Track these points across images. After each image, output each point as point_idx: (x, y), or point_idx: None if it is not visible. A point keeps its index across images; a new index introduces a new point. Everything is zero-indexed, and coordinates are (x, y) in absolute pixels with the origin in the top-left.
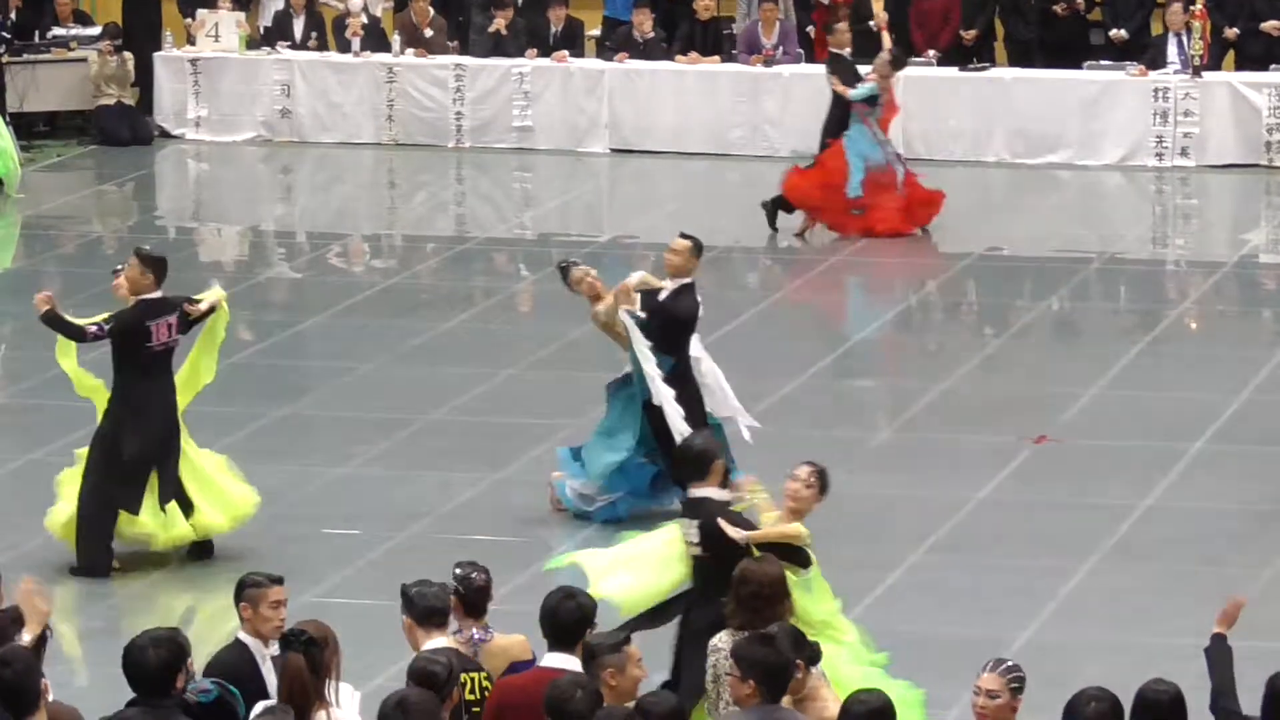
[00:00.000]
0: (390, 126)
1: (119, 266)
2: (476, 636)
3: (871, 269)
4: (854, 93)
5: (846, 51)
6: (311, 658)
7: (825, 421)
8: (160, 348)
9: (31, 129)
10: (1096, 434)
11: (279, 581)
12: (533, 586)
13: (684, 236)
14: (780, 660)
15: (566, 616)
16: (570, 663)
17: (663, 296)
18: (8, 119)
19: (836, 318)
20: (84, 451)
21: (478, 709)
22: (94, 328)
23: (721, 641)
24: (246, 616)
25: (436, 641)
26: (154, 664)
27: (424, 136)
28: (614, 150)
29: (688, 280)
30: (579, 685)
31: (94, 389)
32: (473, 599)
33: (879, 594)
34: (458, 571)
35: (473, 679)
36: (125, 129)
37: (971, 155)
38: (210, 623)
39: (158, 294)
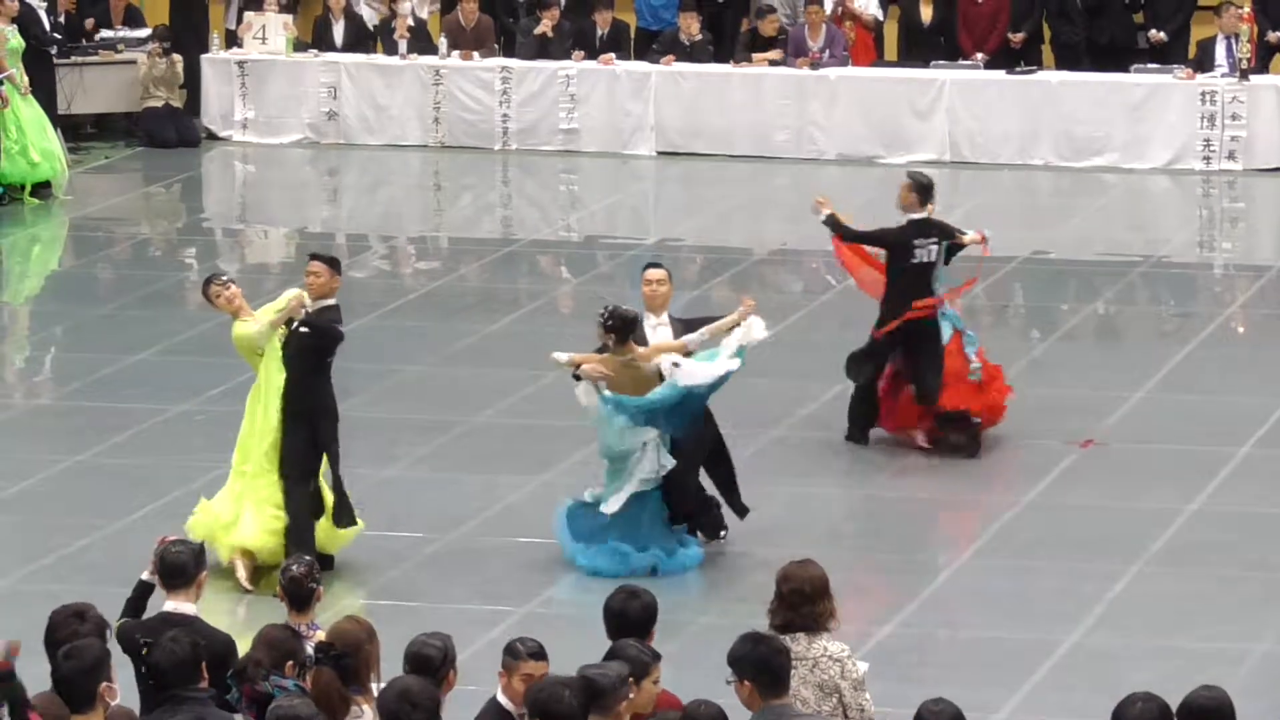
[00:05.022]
0: (436, 129)
1: (224, 276)
2: (304, 631)
3: None
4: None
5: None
6: (343, 669)
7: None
8: None
9: (79, 131)
10: (1143, 438)
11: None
12: (577, 587)
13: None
14: (770, 655)
15: (635, 616)
16: None
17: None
18: (56, 121)
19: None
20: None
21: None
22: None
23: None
24: (503, 684)
25: (182, 606)
26: (167, 660)
27: (470, 139)
28: (660, 153)
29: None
30: (566, 686)
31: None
32: (294, 593)
33: (925, 598)
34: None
35: None
36: (172, 131)
37: (1018, 158)
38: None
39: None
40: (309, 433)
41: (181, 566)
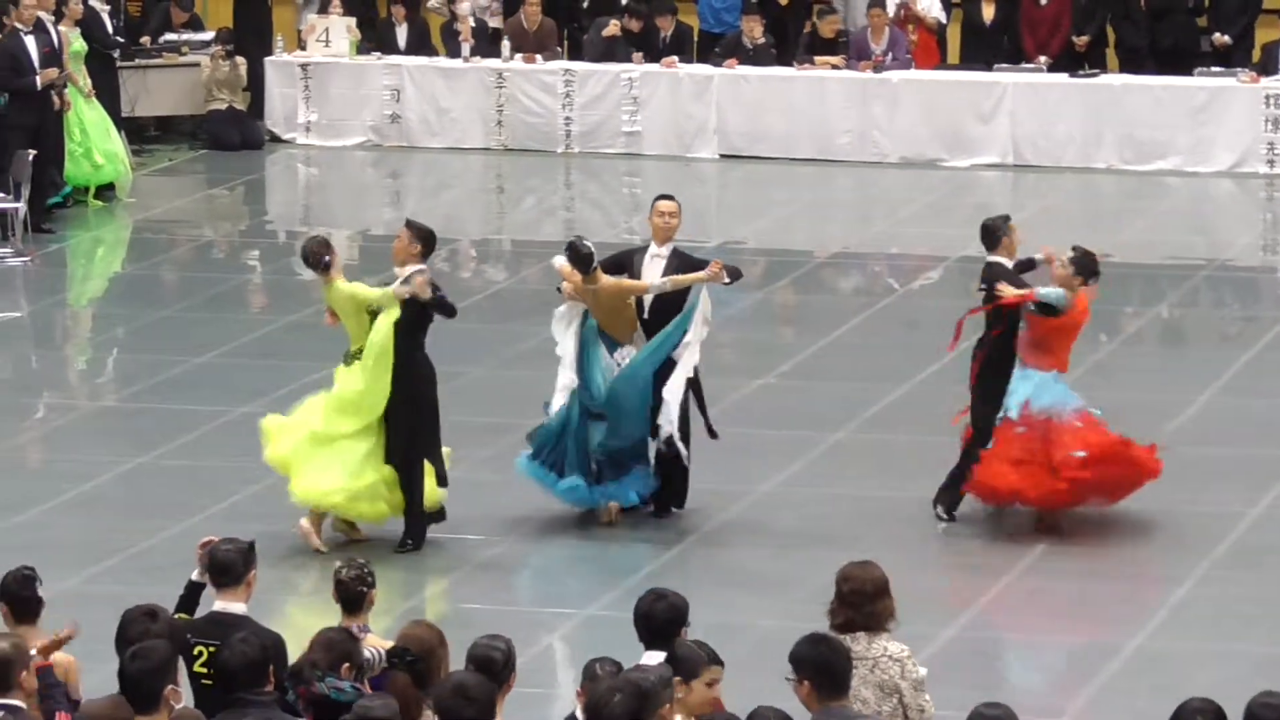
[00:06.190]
0: (499, 131)
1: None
2: (355, 633)
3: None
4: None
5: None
6: (417, 674)
7: (935, 427)
8: None
9: (142, 133)
10: (1206, 441)
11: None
12: (638, 590)
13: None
14: (832, 657)
15: (661, 616)
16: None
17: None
18: (120, 123)
19: (946, 323)
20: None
21: (208, 681)
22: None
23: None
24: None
25: (232, 605)
26: (238, 661)
27: (533, 142)
28: (723, 156)
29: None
30: (618, 690)
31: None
32: (344, 595)
33: (989, 599)
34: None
35: (206, 650)
36: (235, 134)
37: (1081, 162)
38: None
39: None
40: (415, 399)
41: (229, 564)
